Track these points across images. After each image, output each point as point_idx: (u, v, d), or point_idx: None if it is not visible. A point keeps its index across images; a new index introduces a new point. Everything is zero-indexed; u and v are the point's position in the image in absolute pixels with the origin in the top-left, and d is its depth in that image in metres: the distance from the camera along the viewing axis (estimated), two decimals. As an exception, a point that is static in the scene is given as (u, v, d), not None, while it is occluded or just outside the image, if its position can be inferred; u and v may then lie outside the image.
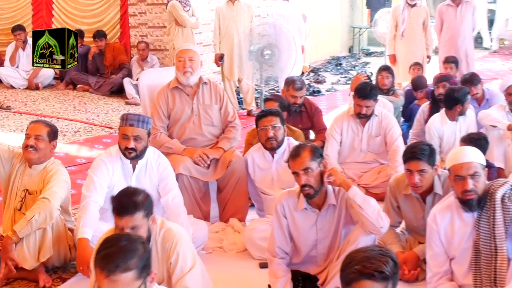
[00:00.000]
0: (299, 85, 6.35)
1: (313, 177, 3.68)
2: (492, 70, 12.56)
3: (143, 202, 3.24)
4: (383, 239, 4.40)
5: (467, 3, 9.31)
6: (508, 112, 6.09)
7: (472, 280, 3.55)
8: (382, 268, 2.33)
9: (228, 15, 9.30)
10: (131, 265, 2.42)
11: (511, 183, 3.61)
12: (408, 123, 7.32)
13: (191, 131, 5.27)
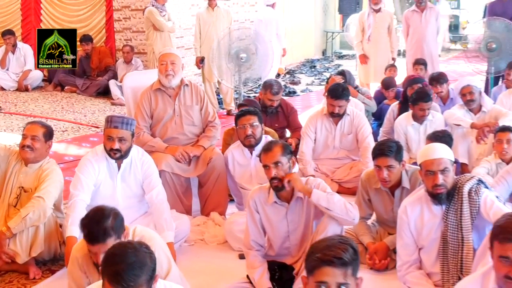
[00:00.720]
0: (276, 90, 6.37)
1: (282, 171, 3.68)
2: (456, 72, 12.64)
3: (112, 227, 3.09)
4: (355, 231, 4.42)
5: (431, 8, 9.40)
6: (467, 110, 6.14)
7: (440, 268, 3.57)
8: (341, 255, 2.34)
9: (208, 20, 9.29)
10: (141, 281, 2.42)
11: (477, 178, 3.64)
12: (378, 122, 7.34)
13: (173, 131, 5.26)
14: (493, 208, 3.42)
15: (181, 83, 5.29)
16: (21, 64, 11.02)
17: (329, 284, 2.33)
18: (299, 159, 5.87)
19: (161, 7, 9.39)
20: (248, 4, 13.68)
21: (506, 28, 8.47)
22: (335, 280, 2.33)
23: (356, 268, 2.40)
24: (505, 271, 2.47)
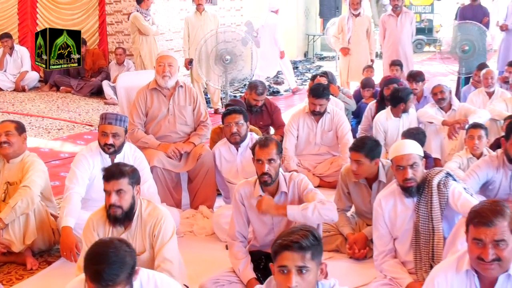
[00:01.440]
0: (261, 91, 6.39)
1: (274, 168, 3.68)
2: (430, 72, 12.70)
3: (128, 172, 3.34)
4: (336, 223, 4.41)
5: (406, 13, 9.46)
6: (438, 108, 6.19)
7: (413, 257, 3.58)
8: (298, 240, 2.38)
9: (196, 24, 9.29)
10: (121, 279, 2.41)
11: (446, 171, 3.66)
12: (357, 120, 7.36)
13: (166, 129, 5.26)
14: (461, 199, 3.45)
15: (176, 84, 5.29)
16: (18, 65, 10.94)
17: (289, 267, 2.37)
18: (282, 155, 5.89)
19: (145, 12, 9.37)
20: (234, 9, 13.68)
21: (479, 31, 8.55)
22: (294, 263, 2.37)
23: (316, 253, 2.43)
24: (478, 253, 2.48)
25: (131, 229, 3.38)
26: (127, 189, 3.30)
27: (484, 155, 4.82)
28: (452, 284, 2.65)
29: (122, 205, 3.29)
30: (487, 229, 2.45)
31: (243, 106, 5.91)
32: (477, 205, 2.62)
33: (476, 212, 2.53)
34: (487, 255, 2.46)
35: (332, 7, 17.99)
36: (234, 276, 3.73)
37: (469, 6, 9.72)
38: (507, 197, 4.19)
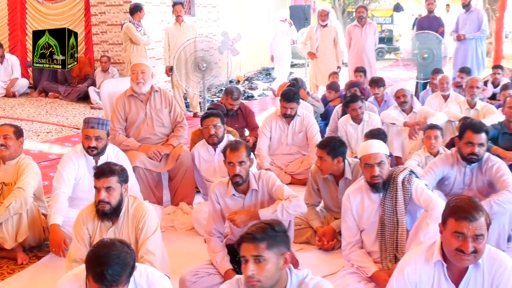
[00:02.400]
0: (236, 96, 6.38)
1: (244, 169, 3.68)
2: (391, 78, 12.83)
3: (118, 170, 3.33)
4: (306, 217, 4.45)
5: (369, 24, 9.56)
6: (400, 111, 6.23)
7: (378, 247, 3.59)
8: (252, 232, 2.42)
9: (176, 34, 9.24)
10: (123, 278, 2.42)
11: (410, 169, 3.67)
12: (325, 122, 7.39)
13: (145, 132, 5.22)
14: (423, 195, 3.47)
15: (151, 89, 5.25)
16: (8, 73, 10.77)
17: (247, 257, 2.40)
18: (256, 155, 5.90)
19: (137, 23, 9.28)
20: (211, 20, 13.67)
21: (436, 40, 8.64)
22: (250, 253, 2.40)
23: (274, 244, 2.42)
24: (458, 245, 2.47)
25: (118, 224, 3.37)
26: (115, 187, 3.30)
27: (440, 154, 4.87)
28: (421, 274, 2.65)
29: (111, 201, 3.29)
30: (469, 224, 2.45)
31: (223, 110, 5.90)
32: (456, 200, 2.59)
33: (457, 207, 2.51)
34: (467, 248, 2.46)
35: (302, 18, 18.07)
36: (212, 268, 3.71)
37: (425, 17, 9.84)
38: (461, 191, 4.22)
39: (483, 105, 6.43)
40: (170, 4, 11.16)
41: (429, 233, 3.26)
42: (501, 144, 5.40)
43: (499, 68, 8.96)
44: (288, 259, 2.48)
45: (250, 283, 2.40)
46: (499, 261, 2.58)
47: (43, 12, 11.21)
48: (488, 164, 4.13)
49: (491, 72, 9.04)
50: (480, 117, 6.07)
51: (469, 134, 4.08)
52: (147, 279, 2.63)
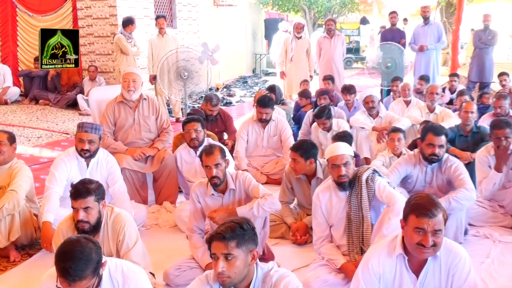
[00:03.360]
0: (215, 103, 6.37)
1: (220, 171, 3.68)
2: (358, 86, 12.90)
3: (94, 189, 3.17)
4: (281, 214, 4.46)
5: (338, 36, 9.62)
6: (367, 115, 6.30)
7: (346, 241, 3.62)
8: (222, 231, 2.40)
9: (159, 45, 9.19)
10: (87, 274, 2.37)
11: (373, 168, 3.70)
12: (297, 126, 7.43)
13: (133, 136, 5.19)
14: (385, 192, 3.50)
15: (140, 97, 5.22)
16: (1, 82, 10.65)
17: (217, 255, 2.39)
18: (235, 157, 5.90)
19: (128, 34, 9.20)
20: (191, 32, 13.64)
21: (398, 50, 8.73)
22: (220, 251, 2.38)
23: (243, 242, 2.41)
24: (419, 239, 2.51)
25: (99, 237, 3.24)
26: (93, 206, 3.14)
27: (404, 154, 4.91)
28: (384, 266, 2.68)
29: (90, 220, 3.15)
30: (429, 220, 2.48)
31: (203, 115, 5.89)
32: (416, 198, 2.61)
33: (418, 205, 2.54)
34: (427, 242, 2.49)
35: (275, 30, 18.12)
36: (194, 262, 3.71)
37: (389, 29, 9.93)
38: (422, 189, 4.27)
39: (442, 109, 6.53)
40: (154, 18, 11.13)
41: (391, 227, 3.30)
42: (458, 145, 5.49)
43: (456, 76, 9.11)
44: (256, 255, 2.47)
45: (221, 279, 2.40)
46: (454, 252, 2.63)
47: (33, 24, 11.09)
48: (447, 164, 4.19)
49: (448, 79, 9.19)
50: (439, 121, 6.16)
51: (430, 137, 4.13)
52: (122, 273, 2.61)
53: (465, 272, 2.61)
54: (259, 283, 2.49)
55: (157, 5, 12.06)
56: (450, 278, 2.63)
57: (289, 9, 21.46)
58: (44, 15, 10.99)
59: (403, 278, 2.68)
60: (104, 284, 2.53)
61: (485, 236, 4.37)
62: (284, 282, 2.46)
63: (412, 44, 9.87)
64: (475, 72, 10.19)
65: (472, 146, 5.39)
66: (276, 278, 2.49)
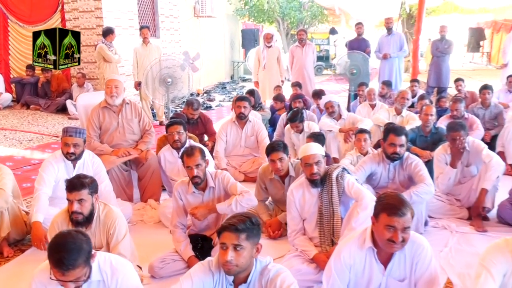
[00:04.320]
0: (196, 107, 6.33)
1: (201, 171, 3.66)
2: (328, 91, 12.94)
3: (88, 183, 3.17)
4: (257, 210, 4.44)
5: (309, 45, 9.64)
6: (332, 119, 6.32)
7: (318, 233, 3.63)
8: (235, 223, 2.40)
9: (143, 53, 9.11)
10: (79, 263, 2.35)
11: (342, 167, 3.72)
12: (272, 128, 7.43)
13: (118, 139, 5.13)
14: (354, 188, 3.52)
15: (123, 102, 5.16)
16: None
17: (227, 244, 2.39)
18: (215, 156, 5.88)
19: (109, 44, 9.12)
20: (173, 41, 13.55)
21: (363, 58, 8.79)
22: (231, 242, 2.38)
23: (251, 235, 2.42)
24: (389, 236, 2.51)
25: (91, 229, 3.24)
26: (87, 198, 3.14)
27: (369, 153, 4.96)
28: (355, 257, 2.68)
29: (83, 211, 3.14)
30: (399, 219, 2.49)
31: (185, 119, 5.86)
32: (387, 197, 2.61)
33: (389, 204, 2.53)
34: (397, 239, 2.50)
35: (252, 40, 18.21)
36: (177, 255, 3.69)
37: (355, 39, 9.99)
38: (386, 185, 4.32)
39: (408, 113, 6.61)
40: (138, 28, 11.04)
41: (359, 220, 3.32)
42: (418, 145, 5.55)
43: (416, 81, 9.21)
44: (260, 248, 2.48)
45: (227, 267, 2.39)
46: (417, 243, 2.65)
47: (24, 34, 10.89)
48: (408, 162, 4.23)
49: (410, 85, 9.29)
50: (405, 123, 6.24)
51: (391, 137, 4.17)
52: (111, 265, 2.58)
53: (427, 261, 2.63)
54: (257, 275, 2.49)
55: (141, 16, 11.96)
56: (414, 266, 2.65)
57: (264, 20, 21.50)
58: (34, 26, 10.77)
59: (372, 269, 2.69)
60: (93, 275, 2.50)
61: (443, 227, 4.42)
62: (280, 278, 2.45)
63: (377, 52, 9.97)
64: (433, 78, 10.32)
65: (431, 145, 5.45)
66: (273, 273, 2.48)
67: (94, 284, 2.53)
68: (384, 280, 2.69)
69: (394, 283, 2.68)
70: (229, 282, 2.50)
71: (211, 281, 2.51)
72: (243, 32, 19.04)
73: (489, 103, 6.92)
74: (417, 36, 11.04)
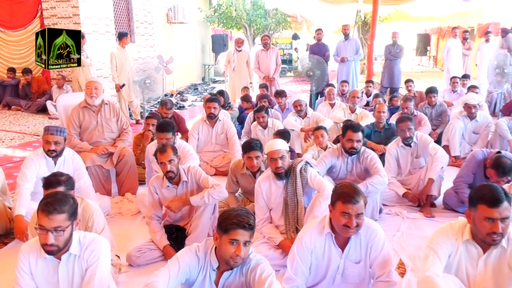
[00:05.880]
0: (169, 106, 6.28)
1: (174, 166, 3.64)
2: (291, 91, 13.05)
3: (64, 180, 3.12)
4: (227, 202, 4.42)
5: (272, 49, 9.65)
6: (297, 117, 6.37)
7: (283, 221, 3.64)
8: (250, 222, 2.36)
9: (121, 57, 8.94)
10: (64, 210, 2.37)
11: (305, 160, 3.73)
12: (241, 125, 7.43)
13: (97, 137, 5.03)
14: (316, 180, 3.55)
15: (102, 102, 5.07)
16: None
17: (239, 241, 2.34)
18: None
19: None
20: (148, 46, 13.37)
21: (317, 62, 8.86)
22: (244, 238, 2.35)
23: (254, 232, 2.42)
24: (345, 222, 2.54)
25: None
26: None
27: (329, 148, 5.01)
28: (315, 242, 2.71)
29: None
30: (353, 206, 2.52)
31: (159, 118, 5.79)
32: (341, 187, 2.63)
33: (344, 193, 2.55)
34: (352, 224, 2.53)
35: (221, 44, 18.11)
36: (153, 244, 3.65)
37: (315, 44, 10.06)
38: (345, 176, 4.36)
39: (361, 110, 6.70)
40: (114, 33, 10.87)
41: (321, 209, 3.35)
42: (373, 140, 5.65)
43: (371, 82, 9.35)
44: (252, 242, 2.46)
45: (235, 261, 2.36)
46: (372, 229, 2.69)
47: (5, 39, 10.58)
48: (364, 155, 4.28)
49: (365, 85, 9.42)
50: (359, 119, 6.32)
51: (349, 133, 4.22)
52: (89, 239, 2.56)
53: (380, 244, 2.68)
54: None
55: (117, 22, 11.75)
56: (368, 249, 2.69)
57: (232, 26, 21.42)
58: (15, 31, 10.49)
59: (331, 252, 2.72)
60: (73, 248, 2.50)
61: (396, 214, 4.51)
62: (260, 267, 2.44)
63: (335, 56, 10.06)
64: (386, 79, 10.50)
65: (384, 140, 5.55)
66: (254, 263, 2.47)
67: (72, 258, 2.51)
68: (342, 263, 2.72)
69: (351, 265, 2.73)
70: (212, 268, 2.48)
71: (196, 265, 2.49)
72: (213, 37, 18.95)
73: (435, 103, 7.09)
74: (371, 41, 11.19)
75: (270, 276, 2.40)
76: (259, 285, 2.38)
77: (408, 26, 22.41)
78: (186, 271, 2.46)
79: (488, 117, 6.28)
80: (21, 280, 2.49)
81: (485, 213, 2.36)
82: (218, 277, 2.49)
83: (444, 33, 21.20)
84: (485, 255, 2.49)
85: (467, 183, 4.32)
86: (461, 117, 6.17)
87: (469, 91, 7.63)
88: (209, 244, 2.50)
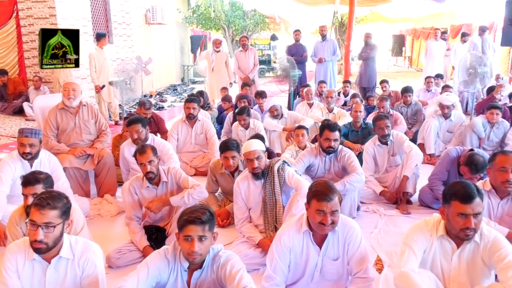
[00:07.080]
0: (148, 107, 6.23)
1: (154, 166, 3.62)
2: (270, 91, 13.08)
3: (43, 178, 3.10)
4: (207, 201, 4.40)
5: (251, 49, 9.66)
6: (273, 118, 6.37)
7: (262, 221, 3.64)
8: (200, 216, 2.35)
9: (100, 58, 8.83)
10: (56, 206, 2.38)
11: (283, 160, 3.73)
12: (220, 126, 7.41)
13: (74, 139, 4.95)
14: (293, 179, 3.56)
15: (80, 103, 4.99)
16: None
17: (193, 237, 2.34)
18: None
19: None
20: (126, 47, 13.22)
21: (289, 62, 8.91)
22: (196, 233, 2.34)
23: (212, 225, 2.40)
24: (320, 219, 2.55)
25: None
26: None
27: (307, 147, 5.03)
28: (294, 240, 2.71)
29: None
30: (328, 203, 2.53)
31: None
32: (316, 185, 2.64)
33: (318, 191, 2.57)
34: (327, 221, 2.54)
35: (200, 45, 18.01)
36: (133, 245, 3.62)
37: (293, 45, 10.10)
38: (323, 175, 4.38)
39: (338, 110, 6.75)
40: (91, 34, 10.72)
41: (299, 207, 3.36)
42: (350, 139, 5.69)
43: (348, 82, 9.43)
44: (216, 237, 2.45)
45: (193, 257, 2.36)
46: (349, 226, 2.71)
47: (-20, 39, 10.33)
48: (341, 154, 4.31)
49: (342, 85, 9.50)
50: (336, 119, 6.37)
51: (326, 132, 4.24)
52: (82, 246, 2.52)
53: (358, 241, 2.70)
54: (209, 261, 2.47)
55: (95, 23, 11.59)
56: (346, 246, 2.71)
57: (211, 28, 21.36)
58: (-10, 31, 10.26)
59: (309, 250, 2.73)
60: (64, 251, 2.46)
61: (373, 211, 4.55)
62: (230, 263, 2.43)
63: (313, 56, 10.11)
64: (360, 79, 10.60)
65: (361, 139, 5.60)
66: (224, 259, 2.46)
67: (62, 262, 2.47)
68: (320, 260, 2.74)
69: (329, 262, 2.74)
70: (183, 269, 2.47)
71: (166, 268, 2.47)
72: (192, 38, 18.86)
73: (410, 102, 7.18)
74: (348, 42, 11.29)
75: (240, 270, 2.40)
76: (230, 280, 2.38)
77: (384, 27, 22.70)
78: (155, 274, 2.44)
79: (462, 116, 6.39)
80: (8, 280, 2.44)
81: (458, 209, 2.41)
82: (189, 276, 2.48)
83: (419, 34, 21.53)
84: (459, 250, 2.53)
85: (442, 180, 4.38)
86: (436, 116, 6.26)
87: (443, 90, 7.75)
88: (178, 245, 2.49)
